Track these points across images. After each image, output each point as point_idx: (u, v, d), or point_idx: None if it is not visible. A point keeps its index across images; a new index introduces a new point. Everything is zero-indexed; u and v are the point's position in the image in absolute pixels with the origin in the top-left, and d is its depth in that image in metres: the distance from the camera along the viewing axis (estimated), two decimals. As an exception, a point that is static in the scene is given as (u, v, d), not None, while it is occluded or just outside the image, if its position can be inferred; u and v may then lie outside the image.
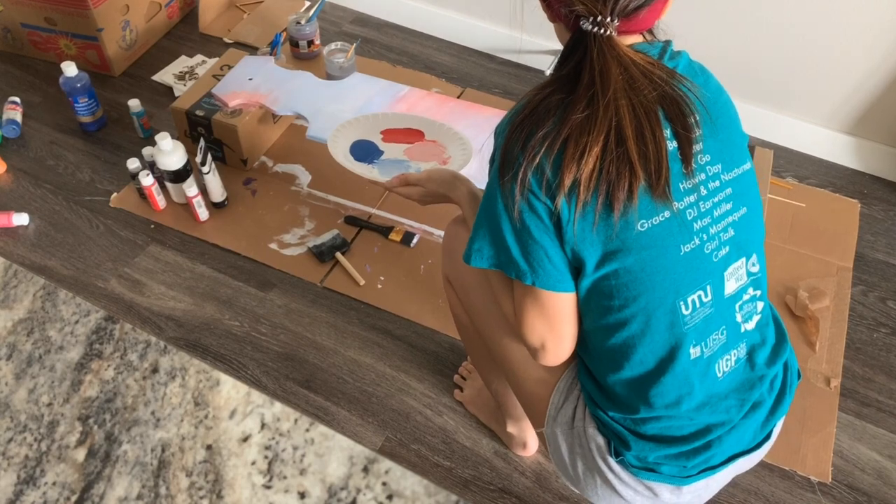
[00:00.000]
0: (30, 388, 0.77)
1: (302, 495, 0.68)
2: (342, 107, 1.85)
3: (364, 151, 1.52)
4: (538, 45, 2.22)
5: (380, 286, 1.67)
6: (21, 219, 1.78)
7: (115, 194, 1.86)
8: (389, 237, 1.76)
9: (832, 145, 2.01)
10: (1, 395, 0.76)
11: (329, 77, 2.03)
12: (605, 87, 0.78)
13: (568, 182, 0.79)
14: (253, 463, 0.71)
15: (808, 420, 1.45)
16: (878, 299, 1.69)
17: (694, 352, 0.88)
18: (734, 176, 0.89)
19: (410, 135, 1.58)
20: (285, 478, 0.69)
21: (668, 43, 0.87)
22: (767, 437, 0.97)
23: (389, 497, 0.68)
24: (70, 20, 2.06)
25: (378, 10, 2.47)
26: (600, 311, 0.88)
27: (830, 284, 1.69)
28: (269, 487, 0.69)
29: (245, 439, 0.72)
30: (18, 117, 2.01)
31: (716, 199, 0.86)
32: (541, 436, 1.04)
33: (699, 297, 0.86)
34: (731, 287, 0.89)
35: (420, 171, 1.22)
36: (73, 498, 0.69)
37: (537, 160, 0.81)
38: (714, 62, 1.98)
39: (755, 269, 0.92)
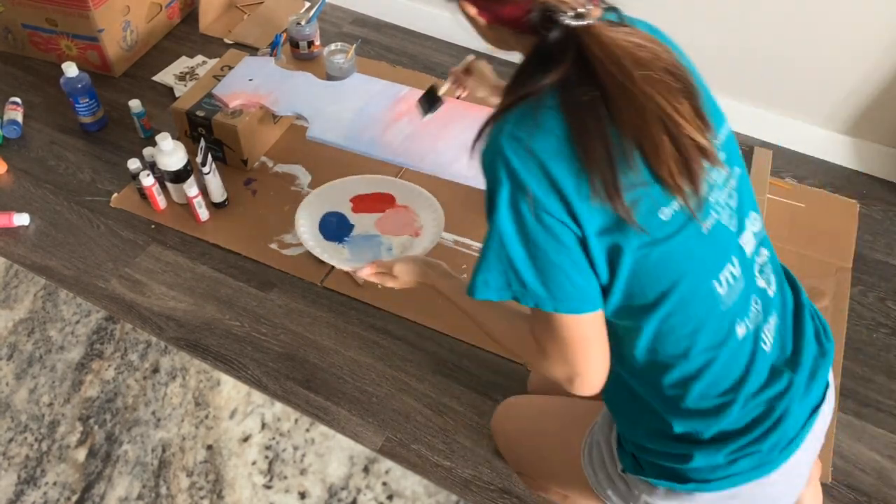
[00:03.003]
0: (30, 388, 0.77)
1: (302, 495, 0.68)
2: (342, 107, 1.86)
3: (334, 227, 1.44)
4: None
5: (380, 286, 1.67)
6: (22, 219, 1.78)
7: (115, 194, 1.86)
8: (389, 237, 1.77)
9: (831, 146, 2.01)
10: (2, 395, 0.77)
11: (329, 78, 2.04)
12: (629, 77, 0.70)
13: (650, 181, 0.74)
14: (253, 463, 0.71)
15: (808, 420, 1.45)
16: (878, 299, 1.69)
17: (740, 331, 0.83)
18: (724, 137, 0.83)
19: (381, 200, 1.49)
20: (286, 478, 0.70)
21: (617, 9, 0.79)
22: (827, 386, 0.91)
23: (390, 497, 0.68)
24: (71, 21, 2.06)
25: (378, 10, 2.47)
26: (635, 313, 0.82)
27: (830, 284, 1.69)
28: (269, 487, 0.69)
29: (245, 439, 0.73)
30: (19, 117, 2.01)
31: (716, 166, 0.81)
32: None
33: (730, 271, 0.81)
34: (748, 252, 0.84)
35: (391, 258, 1.22)
36: (74, 498, 0.69)
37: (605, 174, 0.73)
38: (713, 61, 1.98)
39: (757, 228, 0.87)
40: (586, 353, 0.82)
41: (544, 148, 0.74)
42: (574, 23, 0.71)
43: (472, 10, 0.79)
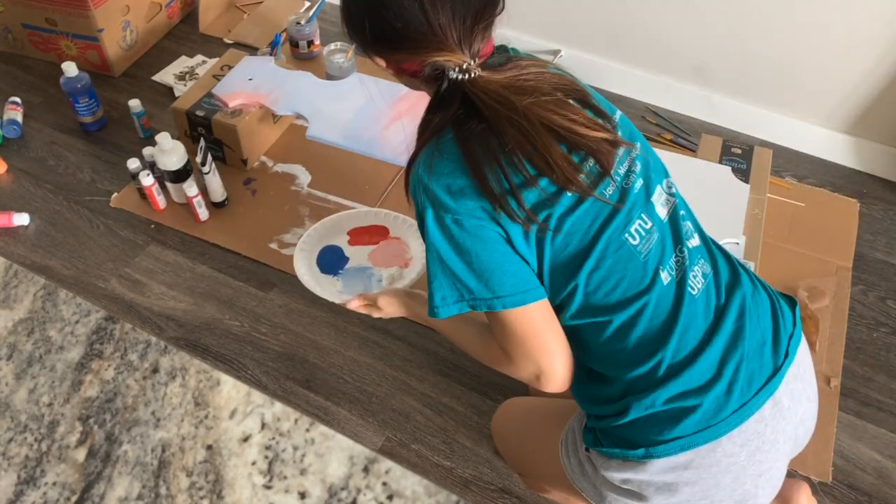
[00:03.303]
0: (30, 388, 0.77)
1: (302, 495, 0.68)
2: (342, 107, 1.86)
3: (331, 260, 1.53)
4: (537, 45, 2.22)
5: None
6: (21, 219, 1.78)
7: (115, 194, 1.86)
8: (389, 237, 1.77)
9: (831, 145, 2.01)
10: (1, 395, 0.77)
11: (329, 77, 2.04)
12: (512, 108, 0.83)
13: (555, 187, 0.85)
14: (253, 463, 0.71)
15: (808, 420, 1.45)
16: (878, 299, 1.69)
17: (664, 277, 0.89)
18: (616, 121, 0.94)
19: (376, 233, 1.58)
20: (286, 478, 0.70)
21: (503, 47, 0.94)
22: (787, 355, 0.92)
23: (390, 497, 0.68)
24: (71, 21, 2.06)
25: (378, 10, 2.46)
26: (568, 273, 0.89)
27: (830, 284, 1.69)
28: (269, 487, 0.69)
29: (245, 439, 0.73)
30: (19, 117, 2.01)
31: (620, 146, 0.92)
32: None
33: (640, 224, 0.90)
34: (663, 212, 0.93)
35: (380, 289, 1.31)
36: (74, 498, 0.69)
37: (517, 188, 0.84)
38: (714, 62, 1.98)
39: (672, 189, 0.96)
40: (543, 343, 0.89)
41: (451, 171, 0.86)
42: (459, 76, 0.85)
43: (382, 63, 0.93)
